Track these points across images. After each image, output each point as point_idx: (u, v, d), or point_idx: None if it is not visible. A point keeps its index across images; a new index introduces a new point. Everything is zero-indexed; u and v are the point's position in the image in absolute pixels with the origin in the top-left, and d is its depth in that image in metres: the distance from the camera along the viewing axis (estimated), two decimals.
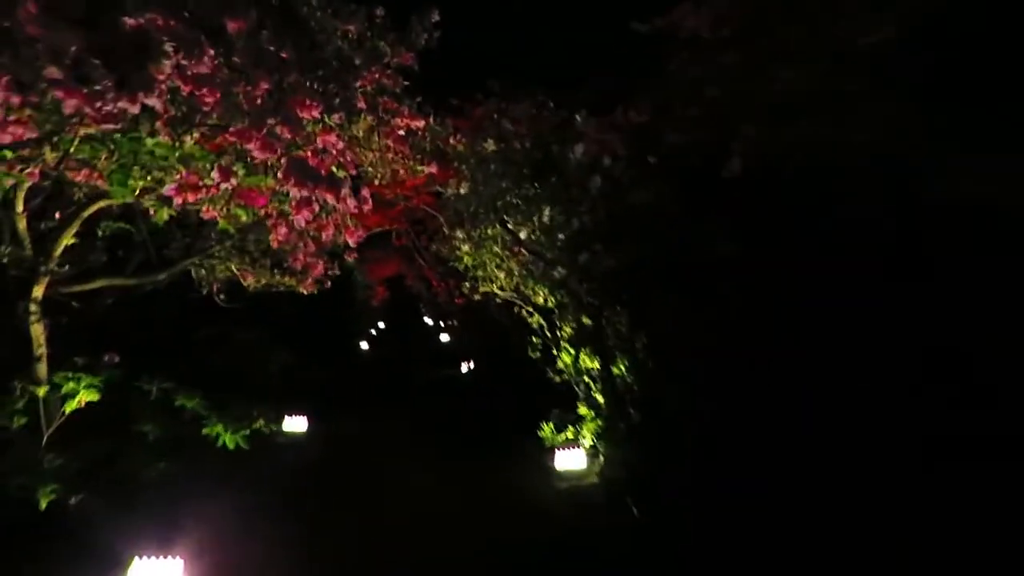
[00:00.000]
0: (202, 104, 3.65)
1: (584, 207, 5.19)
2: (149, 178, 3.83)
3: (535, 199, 5.65)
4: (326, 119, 4.35)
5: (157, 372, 5.91)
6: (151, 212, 4.97)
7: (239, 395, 6.27)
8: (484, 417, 9.88)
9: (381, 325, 27.22)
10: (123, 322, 6.40)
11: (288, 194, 3.90)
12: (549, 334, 7.57)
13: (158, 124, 3.78)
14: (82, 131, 3.21)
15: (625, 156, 4.63)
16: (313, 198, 3.91)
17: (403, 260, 19.80)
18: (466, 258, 7.15)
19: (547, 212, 5.81)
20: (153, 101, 2.93)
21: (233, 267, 7.97)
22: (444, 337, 24.51)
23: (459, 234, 7.17)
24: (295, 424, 9.50)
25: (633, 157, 4.53)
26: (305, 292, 7.40)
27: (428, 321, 28.24)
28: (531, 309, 7.61)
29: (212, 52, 3.37)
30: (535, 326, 7.60)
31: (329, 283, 8.45)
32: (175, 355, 6.54)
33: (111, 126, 3.04)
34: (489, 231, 6.77)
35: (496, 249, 6.99)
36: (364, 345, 20.97)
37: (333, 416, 10.20)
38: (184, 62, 3.19)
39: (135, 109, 2.84)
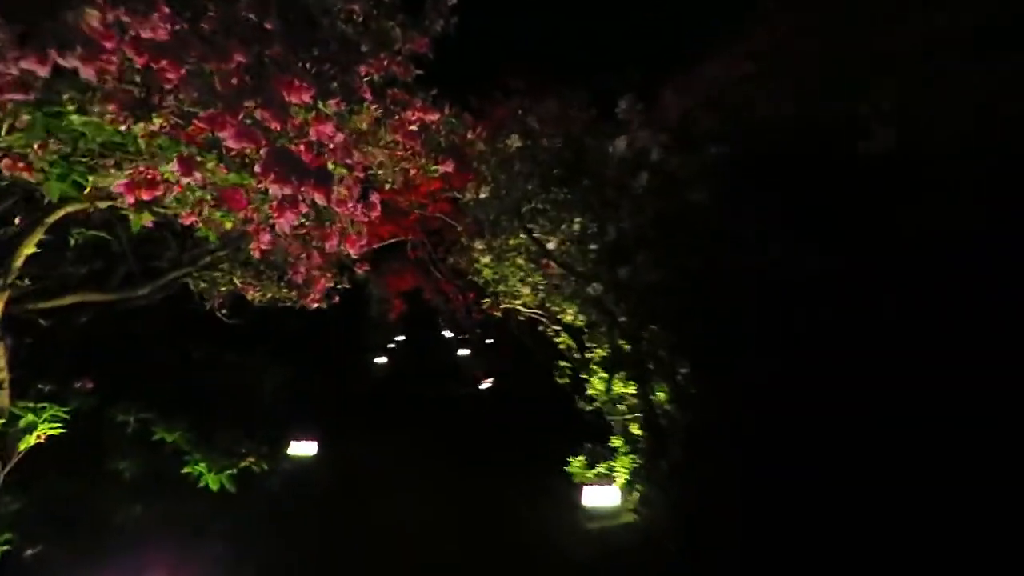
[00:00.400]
0: (163, 81, 2.92)
1: (624, 211, 4.43)
2: (95, 174, 3.12)
3: (566, 204, 4.89)
4: (320, 106, 3.61)
5: (138, 399, 5.21)
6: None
7: (230, 424, 5.55)
8: (505, 444, 9.10)
9: (400, 338, 26.51)
10: (103, 342, 5.71)
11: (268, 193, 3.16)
12: (578, 356, 6.79)
13: (110, 106, 3.04)
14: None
15: (679, 146, 3.85)
16: (300, 198, 3.16)
17: (420, 273, 19.12)
18: (486, 271, 6.39)
19: (579, 219, 5.05)
20: (77, 64, 2.21)
21: (236, 280, 7.34)
22: (463, 352, 23.82)
23: (478, 245, 6.42)
24: (302, 448, 8.79)
25: (690, 146, 3.76)
26: (309, 307, 6.70)
27: (447, 335, 27.59)
28: (558, 328, 6.83)
29: (166, 11, 2.62)
30: (562, 347, 6.82)
31: (338, 297, 7.79)
32: (162, 378, 5.84)
33: (17, 96, 2.32)
34: (512, 241, 6.02)
35: (519, 261, 6.23)
36: (381, 359, 20.27)
37: (344, 438, 9.50)
38: (127, 19, 2.45)
39: (44, 71, 2.13)
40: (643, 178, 3.99)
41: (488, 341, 21.92)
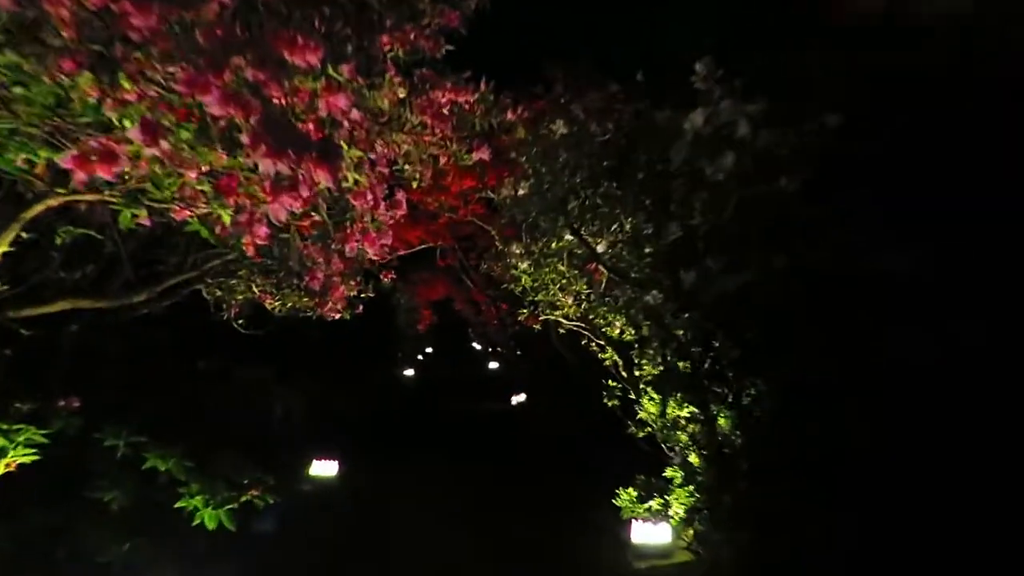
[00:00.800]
0: (128, 28, 2.27)
1: (692, 205, 3.69)
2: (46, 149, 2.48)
3: (619, 198, 4.17)
4: (331, 72, 2.93)
5: (132, 419, 4.58)
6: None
7: (237, 448, 4.91)
8: (543, 468, 8.35)
9: (428, 350, 25.91)
10: (99, 355, 5.13)
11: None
12: (625, 373, 6.02)
13: (64, 64, 2.41)
14: None
15: (781, 118, 3.10)
16: (300, 177, 2.49)
17: (450, 282, 18.49)
18: (524, 279, 5.67)
19: (632, 218, 4.32)
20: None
21: (254, 288, 6.78)
22: (493, 365, 23.12)
23: (516, 249, 5.72)
24: (324, 468, 8.16)
25: (795, 117, 3.01)
26: (328, 317, 6.08)
27: (476, 347, 26.93)
28: (603, 343, 6.08)
29: None
30: (608, 364, 6.07)
31: (361, 307, 7.17)
32: (162, 395, 5.23)
33: None
34: (554, 244, 5.30)
35: (561, 268, 5.51)
36: (409, 372, 19.65)
37: (368, 458, 8.85)
38: None
39: None
40: (727, 161, 3.24)
41: (520, 356, 21.26)
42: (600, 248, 4.66)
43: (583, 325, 6.03)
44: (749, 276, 3.35)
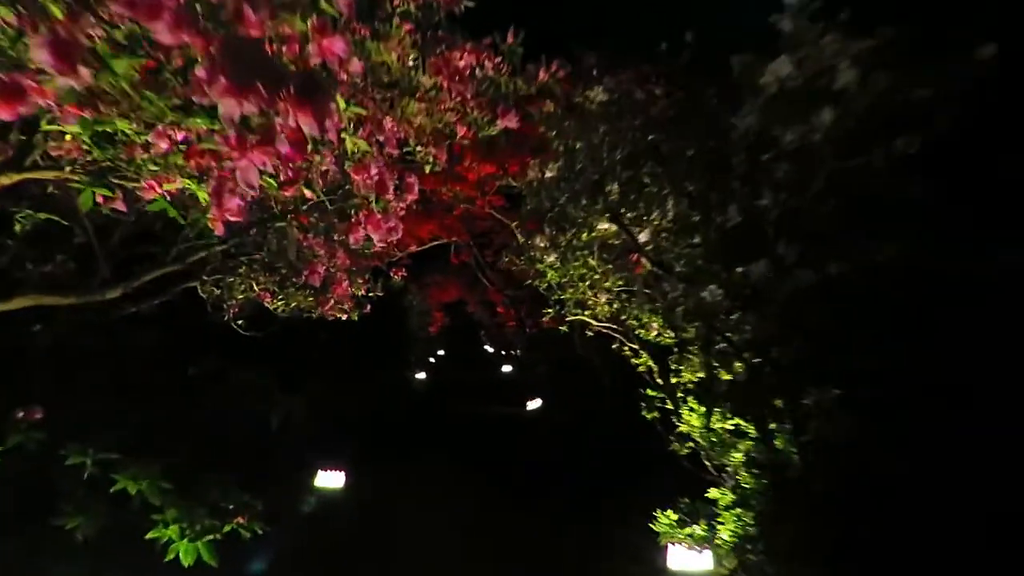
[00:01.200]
0: None
1: (767, 180, 3.03)
2: None
3: (668, 176, 3.50)
4: (324, 4, 2.28)
5: (109, 431, 3.97)
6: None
7: (228, 461, 4.30)
8: (566, 483, 7.67)
9: (440, 352, 25.29)
10: (74, 358, 4.52)
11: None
12: (661, 381, 5.36)
13: None
14: None
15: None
16: (276, 121, 1.84)
17: (464, 284, 17.87)
18: (550, 274, 5.01)
19: (680, 201, 3.66)
20: None
21: (255, 287, 6.20)
22: (506, 368, 22.47)
23: (540, 242, 5.06)
24: (330, 479, 7.54)
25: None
26: (330, 316, 5.47)
27: (489, 350, 26.28)
28: (636, 346, 5.41)
29: None
30: (642, 370, 5.40)
31: (369, 306, 6.58)
32: (145, 404, 4.61)
33: None
34: (584, 235, 4.64)
35: (592, 262, 4.85)
36: (421, 375, 19.01)
37: (377, 465, 8.23)
38: None
39: None
40: (823, 119, 2.55)
41: (536, 359, 20.58)
42: (642, 238, 4.00)
43: (614, 327, 5.37)
44: (839, 268, 2.68)
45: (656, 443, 5.27)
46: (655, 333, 5.07)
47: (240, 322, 6.47)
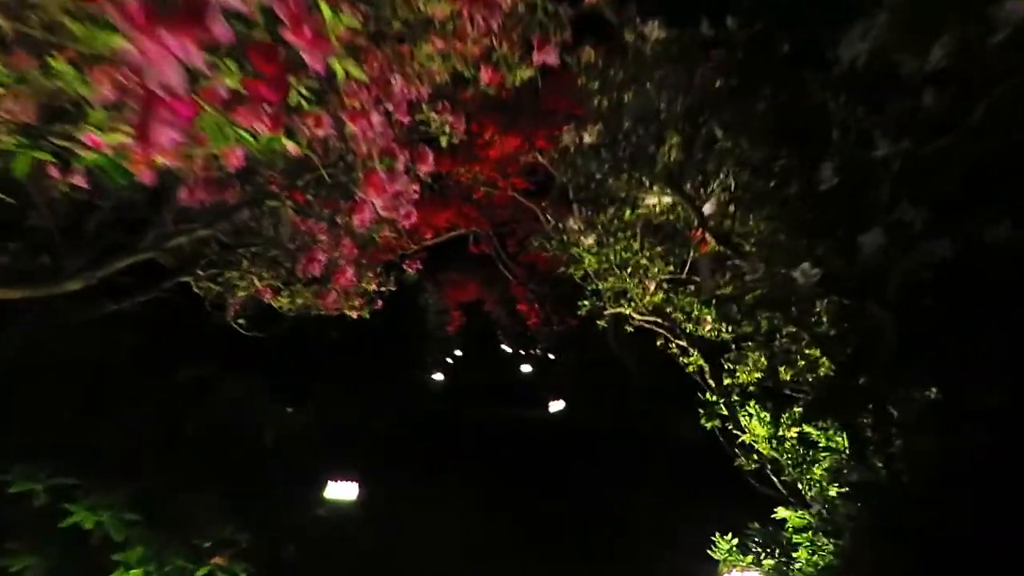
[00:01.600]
0: None
1: (878, 126, 2.29)
2: None
3: (744, 129, 2.76)
4: None
5: (73, 451, 3.31)
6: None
7: (219, 481, 3.62)
8: (596, 492, 6.93)
9: (458, 352, 24.61)
10: (36, 365, 3.86)
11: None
12: (713, 382, 4.61)
13: None
14: None
15: None
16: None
17: (482, 281, 17.17)
18: (587, 260, 4.26)
19: (755, 158, 2.91)
20: None
21: (257, 282, 5.55)
22: (525, 368, 21.73)
23: (574, 223, 4.33)
24: (341, 491, 6.86)
25: None
26: (332, 312, 4.80)
27: (507, 349, 25.57)
28: (684, 344, 4.66)
29: None
30: (692, 369, 4.65)
31: (380, 303, 5.94)
32: (120, 417, 3.93)
33: None
34: (627, 213, 3.91)
35: (635, 245, 4.12)
36: (439, 376, 18.32)
37: (392, 475, 7.57)
38: None
39: None
40: (1005, 11, 1.80)
41: (552, 356, 19.85)
42: (707, 209, 3.25)
43: (659, 320, 4.62)
44: (1004, 233, 1.94)
45: (706, 454, 4.54)
46: (708, 327, 4.33)
47: (241, 322, 5.84)
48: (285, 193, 3.91)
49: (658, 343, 4.82)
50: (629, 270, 4.32)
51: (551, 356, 19.06)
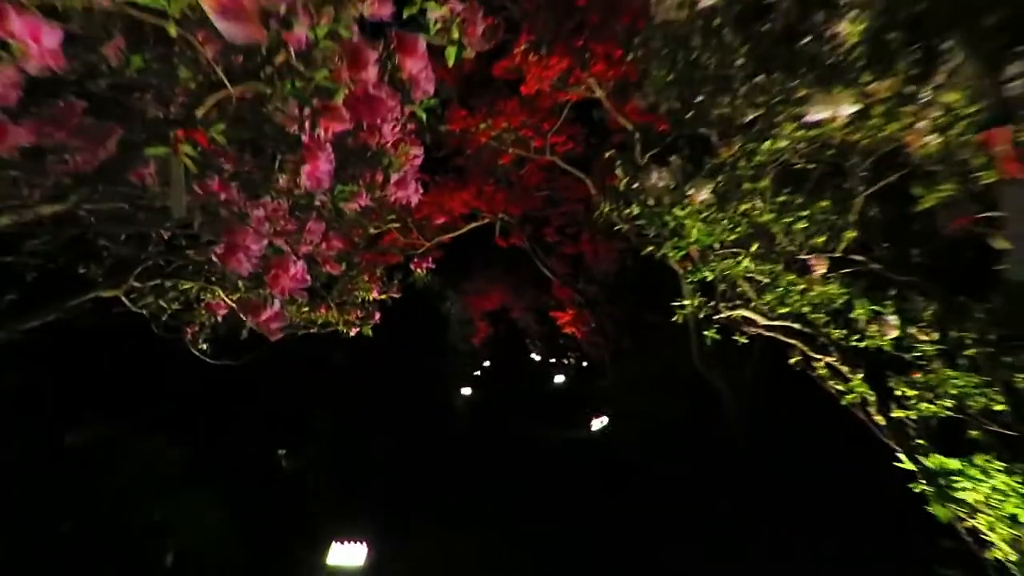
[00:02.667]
0: None
1: None
2: None
3: None
4: None
5: None
6: None
7: None
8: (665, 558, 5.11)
9: (487, 364, 22.90)
10: None
11: None
12: (880, 417, 2.87)
13: None
14: None
15: None
16: None
17: (510, 284, 15.45)
18: (694, 234, 2.51)
19: None
20: None
21: (222, 295, 3.91)
22: (558, 379, 19.94)
23: (657, 176, 2.62)
24: (347, 556, 5.22)
25: None
26: (274, 337, 3.18)
27: (536, 358, 23.86)
28: (833, 360, 2.93)
29: None
30: (851, 399, 2.91)
31: (378, 315, 4.36)
32: None
33: None
34: (765, 144, 2.20)
35: (782, 199, 2.40)
36: (466, 391, 16.61)
37: (411, 530, 5.92)
38: None
39: None
40: None
41: (585, 364, 18.04)
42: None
43: (797, 327, 2.88)
44: None
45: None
46: (892, 336, 2.58)
47: (204, 346, 4.22)
48: (178, 129, 2.28)
49: (792, 360, 3.07)
50: (755, 251, 2.58)
51: (585, 364, 17.41)
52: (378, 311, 4.11)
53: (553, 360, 21.89)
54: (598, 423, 11.76)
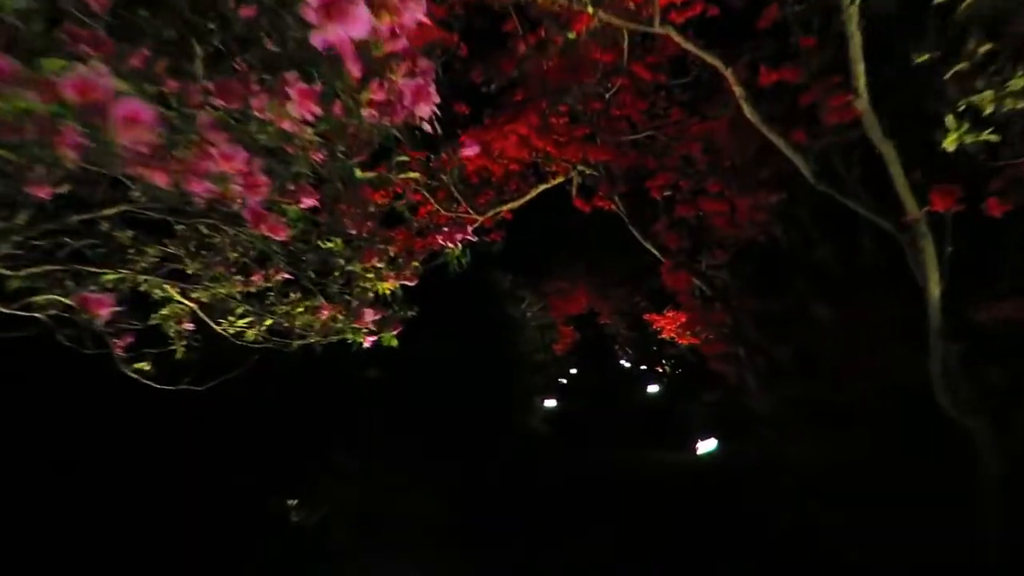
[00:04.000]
0: None
1: None
2: None
3: None
4: None
5: None
6: None
7: None
8: None
9: (573, 371, 20.91)
10: None
11: None
12: None
13: None
14: None
15: None
16: None
17: (593, 286, 13.47)
18: None
19: None
20: None
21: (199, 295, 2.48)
22: (652, 388, 17.71)
23: None
24: None
25: None
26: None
27: (626, 365, 21.67)
28: None
29: None
30: None
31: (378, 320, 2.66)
32: None
33: None
34: None
35: None
36: (551, 403, 14.72)
37: None
38: None
39: None
40: None
41: (678, 371, 15.88)
42: None
43: None
44: None
45: None
46: None
47: (143, 365, 2.77)
48: None
49: None
50: None
51: (679, 371, 15.26)
52: (410, 310, 2.83)
53: (645, 367, 19.80)
54: (705, 445, 9.59)
